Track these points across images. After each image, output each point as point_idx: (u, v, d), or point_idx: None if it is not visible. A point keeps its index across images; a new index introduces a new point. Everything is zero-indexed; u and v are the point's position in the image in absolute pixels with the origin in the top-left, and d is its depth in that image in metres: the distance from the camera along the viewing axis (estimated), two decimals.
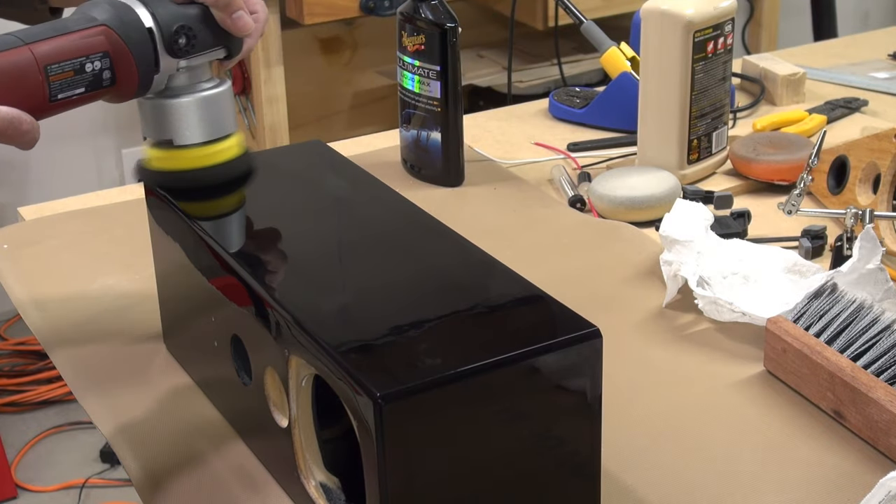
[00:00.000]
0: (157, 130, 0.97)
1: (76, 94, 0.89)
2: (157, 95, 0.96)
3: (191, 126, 0.96)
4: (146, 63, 0.92)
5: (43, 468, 2.45)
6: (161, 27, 0.92)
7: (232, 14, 0.95)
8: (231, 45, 0.98)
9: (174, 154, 0.96)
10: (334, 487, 0.83)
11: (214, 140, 0.97)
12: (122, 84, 0.92)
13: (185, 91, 0.96)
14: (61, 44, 0.88)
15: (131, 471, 0.93)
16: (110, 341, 1.09)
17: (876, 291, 1.02)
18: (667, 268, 1.11)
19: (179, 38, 0.93)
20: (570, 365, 0.78)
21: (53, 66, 0.87)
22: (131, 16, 0.91)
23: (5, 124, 0.83)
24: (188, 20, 0.94)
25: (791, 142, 1.39)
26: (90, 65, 0.89)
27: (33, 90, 0.87)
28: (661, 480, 0.89)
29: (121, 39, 0.90)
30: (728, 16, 1.35)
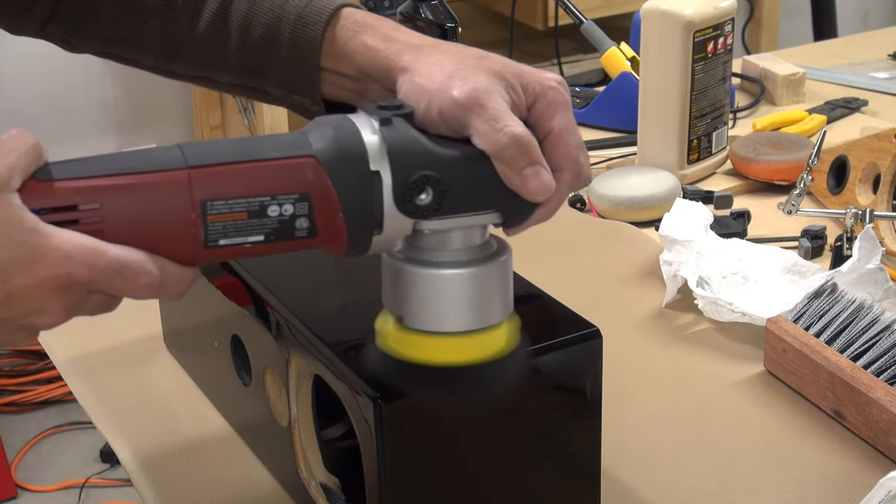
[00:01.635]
0: (391, 299, 0.70)
1: (249, 241, 0.64)
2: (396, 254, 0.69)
3: (435, 308, 0.68)
4: (360, 218, 0.65)
5: (43, 468, 2.45)
6: (395, 171, 0.64)
7: (522, 171, 0.67)
8: (512, 209, 0.69)
9: (407, 338, 0.70)
10: (334, 487, 0.83)
11: (469, 331, 0.69)
12: (324, 239, 0.66)
13: (437, 257, 0.68)
14: (237, 172, 0.63)
15: (131, 471, 0.93)
16: (110, 341, 1.09)
17: (876, 291, 1.02)
18: (667, 268, 1.11)
19: (421, 193, 0.65)
20: (570, 365, 0.78)
21: (217, 202, 0.63)
22: (354, 148, 0.64)
23: (110, 273, 0.63)
24: (440, 166, 0.65)
25: (791, 142, 1.39)
26: (276, 208, 0.64)
27: (179, 230, 0.63)
28: (661, 480, 0.89)
29: (328, 180, 0.64)
30: (728, 16, 1.35)
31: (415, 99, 0.69)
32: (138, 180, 0.62)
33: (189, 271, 0.65)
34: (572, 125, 0.70)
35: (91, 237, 0.62)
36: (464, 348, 0.69)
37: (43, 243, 0.61)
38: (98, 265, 0.62)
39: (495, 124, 0.66)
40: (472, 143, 0.67)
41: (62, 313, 0.63)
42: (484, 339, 0.69)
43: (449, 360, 0.69)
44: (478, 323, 0.69)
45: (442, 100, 0.67)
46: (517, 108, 0.69)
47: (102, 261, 0.62)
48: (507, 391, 0.76)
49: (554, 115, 0.69)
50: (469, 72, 0.69)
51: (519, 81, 0.70)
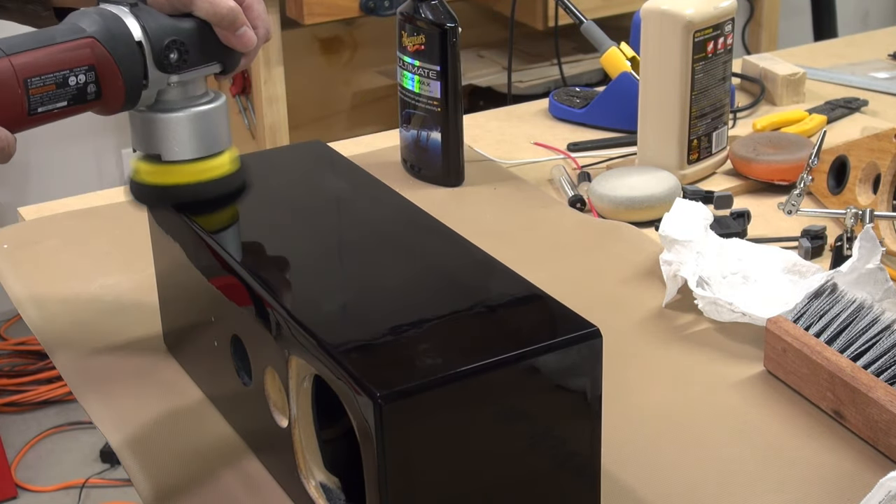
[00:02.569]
0: (146, 144, 0.94)
1: (57, 107, 0.86)
2: (148, 109, 0.93)
3: (181, 142, 0.93)
4: (134, 78, 0.89)
5: (43, 468, 2.46)
6: (151, 41, 0.89)
7: (236, 31, 0.91)
8: (228, 60, 0.94)
9: (163, 169, 0.94)
10: (334, 487, 0.83)
11: (206, 157, 0.94)
12: (107, 98, 0.89)
13: (177, 106, 0.93)
14: (44, 56, 0.85)
15: (131, 471, 0.93)
16: (110, 341, 1.09)
17: (875, 291, 1.02)
18: (666, 268, 1.11)
19: (171, 54, 0.90)
20: (570, 365, 0.78)
21: (34, 78, 0.84)
22: (121, 28, 0.88)
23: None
24: (181, 34, 0.90)
25: (791, 142, 1.39)
26: (74, 78, 0.86)
27: (11, 103, 0.84)
28: (661, 480, 0.89)
29: (108, 53, 0.87)
30: (728, 16, 1.35)
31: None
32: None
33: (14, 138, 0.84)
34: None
35: None
36: (206, 169, 0.94)
37: None
38: None
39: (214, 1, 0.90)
40: (195, 18, 0.91)
41: None
42: (218, 161, 0.95)
43: (194, 179, 0.94)
44: (213, 148, 0.94)
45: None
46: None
47: None
48: (507, 392, 0.76)
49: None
50: None
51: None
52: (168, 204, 0.95)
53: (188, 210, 0.95)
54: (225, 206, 0.96)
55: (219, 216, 0.97)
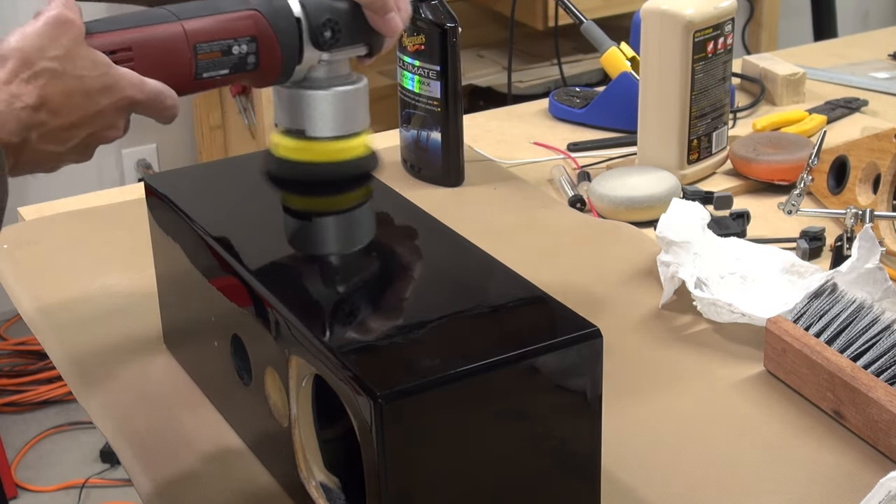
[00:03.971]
0: (290, 119, 0.94)
1: (220, 74, 0.88)
2: (295, 85, 0.94)
3: (325, 119, 0.94)
4: (290, 52, 0.91)
5: (43, 468, 2.45)
6: (309, 18, 0.91)
7: (385, 15, 0.93)
8: (373, 42, 0.95)
9: (304, 145, 0.94)
10: (334, 487, 0.83)
11: (345, 136, 0.94)
12: (264, 70, 0.91)
13: (323, 84, 0.93)
14: (212, 23, 0.88)
15: (131, 471, 0.93)
16: (110, 341, 1.09)
17: (875, 291, 1.02)
18: (664, 269, 1.11)
19: (325, 31, 0.91)
20: (570, 365, 0.78)
21: (203, 44, 0.87)
22: (282, 3, 0.90)
23: (151, 97, 0.83)
24: (336, 14, 0.92)
25: (791, 142, 1.39)
26: (237, 47, 0.88)
27: (181, 66, 0.86)
28: (661, 480, 0.89)
29: (269, 26, 0.89)
30: (728, 16, 1.35)
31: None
32: (153, 31, 0.85)
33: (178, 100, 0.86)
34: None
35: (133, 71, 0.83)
36: (345, 149, 0.94)
37: (118, 73, 0.82)
38: (146, 90, 0.83)
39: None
40: None
41: (123, 129, 0.84)
42: (356, 141, 0.94)
43: (332, 158, 0.94)
44: (352, 128, 0.94)
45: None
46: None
47: (147, 87, 0.83)
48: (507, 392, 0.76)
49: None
50: None
51: None
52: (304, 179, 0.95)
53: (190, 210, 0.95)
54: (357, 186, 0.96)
55: (219, 216, 0.97)
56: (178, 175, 1.14)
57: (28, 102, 0.78)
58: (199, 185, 1.04)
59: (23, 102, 0.78)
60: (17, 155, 0.79)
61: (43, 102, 0.78)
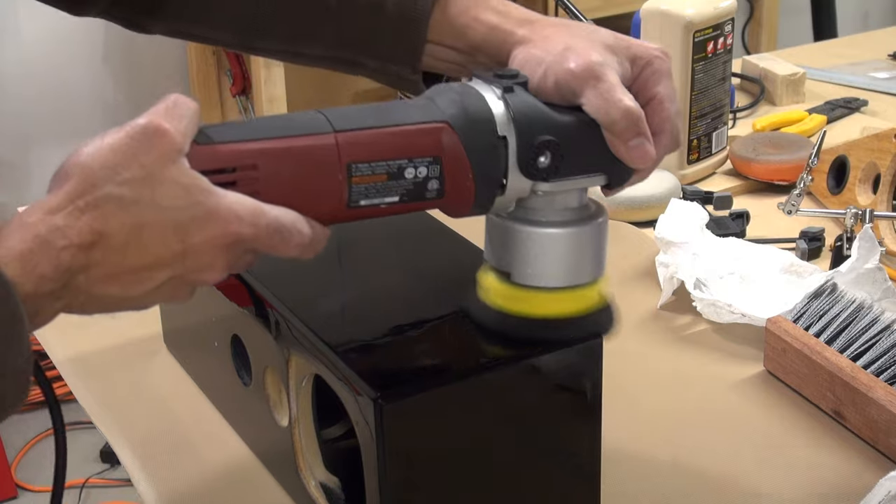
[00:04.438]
0: (498, 257, 0.75)
1: (385, 202, 0.69)
2: (507, 215, 0.74)
3: (539, 264, 0.73)
4: (488, 180, 0.70)
5: (43, 468, 2.45)
6: (519, 136, 0.70)
7: (629, 141, 0.72)
8: (615, 172, 0.74)
9: (515, 293, 0.75)
10: (334, 487, 0.83)
11: (570, 287, 0.74)
12: (450, 199, 0.71)
13: (544, 218, 0.73)
14: (380, 137, 0.68)
15: (131, 470, 0.93)
16: (110, 341, 1.09)
17: (874, 291, 1.02)
18: (663, 269, 1.11)
19: (541, 156, 0.70)
20: (570, 365, 0.78)
21: (361, 164, 0.68)
22: (483, 114, 0.70)
23: (269, 232, 0.66)
24: (559, 133, 0.71)
25: (791, 142, 1.39)
26: (412, 170, 0.69)
27: (328, 190, 0.68)
28: (660, 480, 0.89)
29: (460, 144, 0.69)
30: (728, 16, 1.35)
31: (530, 68, 0.74)
32: (291, 143, 0.67)
33: (328, 230, 0.69)
34: (672, 93, 0.76)
35: (251, 198, 0.65)
36: (566, 301, 0.75)
37: (217, 203, 0.64)
38: (260, 224, 0.65)
39: (609, 97, 0.72)
40: (584, 112, 0.72)
41: (224, 269, 0.66)
42: (583, 294, 0.75)
43: (551, 312, 0.75)
44: (580, 279, 0.74)
45: (559, 70, 0.73)
46: (625, 78, 0.74)
47: (264, 220, 0.65)
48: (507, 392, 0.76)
49: (658, 83, 0.75)
50: (584, 45, 0.74)
51: (628, 53, 0.75)
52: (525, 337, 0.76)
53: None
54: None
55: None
56: None
57: (74, 240, 0.61)
58: None
59: (67, 240, 0.61)
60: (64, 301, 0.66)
61: (98, 239, 0.62)
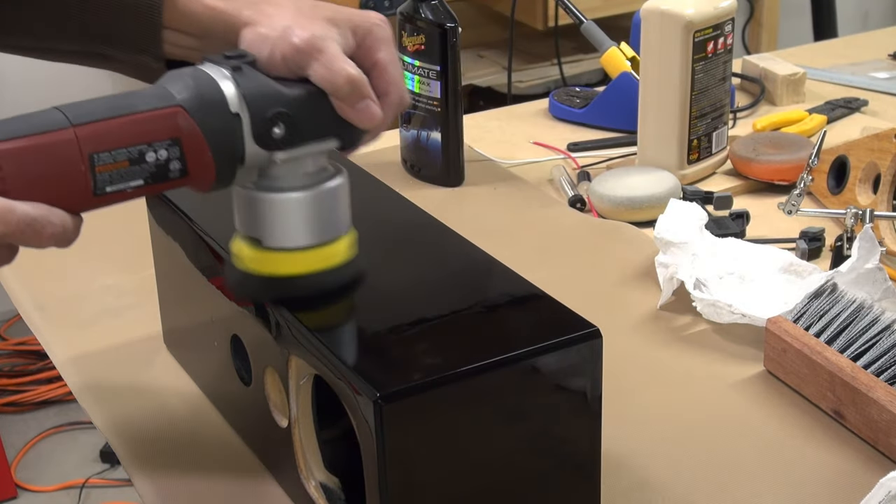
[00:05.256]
0: (248, 225, 0.79)
1: (131, 186, 0.72)
2: (253, 185, 0.78)
3: (288, 227, 0.78)
4: (226, 155, 0.74)
5: (43, 468, 2.46)
6: (252, 112, 0.74)
7: (356, 104, 0.77)
8: (346, 134, 0.78)
9: (267, 256, 0.79)
10: (334, 487, 0.83)
11: (318, 244, 0.79)
12: (195, 176, 0.75)
13: (286, 184, 0.77)
14: (117, 126, 0.72)
15: (131, 471, 0.93)
16: (110, 341, 1.09)
17: (874, 291, 1.02)
18: (662, 270, 1.11)
19: (274, 128, 0.75)
20: (570, 365, 0.78)
21: (102, 154, 0.71)
22: (214, 95, 0.74)
23: (21, 228, 0.69)
24: (289, 105, 0.75)
25: (791, 142, 1.39)
26: (153, 154, 0.72)
27: (72, 181, 0.71)
28: (661, 480, 0.89)
29: (195, 125, 0.73)
30: (728, 16, 1.35)
31: (258, 47, 0.78)
32: (32, 142, 0.70)
33: (79, 219, 0.73)
34: (394, 56, 0.80)
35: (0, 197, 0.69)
36: (316, 259, 0.79)
37: None
38: (11, 221, 0.68)
39: (332, 67, 0.76)
40: (311, 83, 0.77)
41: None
42: (331, 250, 0.80)
43: (302, 270, 0.79)
44: (326, 235, 0.79)
45: (284, 46, 0.77)
46: (348, 48, 0.79)
47: (14, 217, 0.69)
48: (507, 392, 0.76)
49: (380, 49, 0.80)
50: (306, 21, 0.79)
51: (349, 24, 0.80)
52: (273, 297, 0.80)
53: (190, 210, 0.94)
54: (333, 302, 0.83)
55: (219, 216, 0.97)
56: None
57: None
58: None
59: None
60: None
61: None
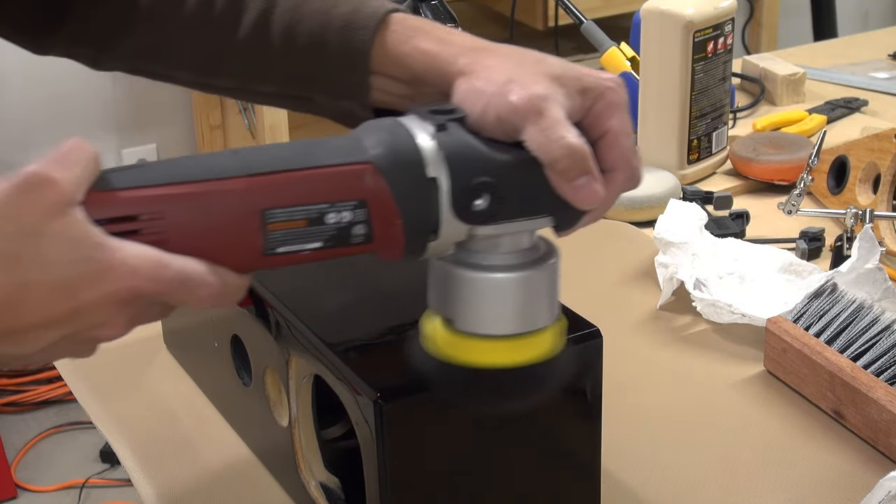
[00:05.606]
0: (441, 303, 0.68)
1: (307, 249, 0.64)
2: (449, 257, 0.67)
3: (483, 311, 0.66)
4: (418, 224, 0.64)
5: (43, 468, 2.45)
6: (453, 178, 0.64)
7: (573, 181, 0.66)
8: (562, 213, 0.68)
9: (460, 341, 0.68)
10: (334, 487, 0.83)
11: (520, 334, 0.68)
12: (380, 244, 0.65)
13: (486, 261, 0.67)
14: (298, 181, 0.62)
15: (131, 471, 0.93)
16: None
17: (874, 291, 1.02)
18: (662, 270, 1.11)
19: (478, 199, 0.64)
20: (570, 365, 0.78)
21: (277, 210, 0.62)
22: (411, 154, 0.64)
23: (175, 285, 0.61)
24: (497, 173, 0.64)
25: (791, 142, 1.39)
26: (334, 215, 0.63)
27: (240, 238, 0.62)
28: (661, 480, 0.89)
29: (387, 186, 0.63)
30: (728, 16, 1.35)
31: (471, 102, 0.68)
32: (199, 189, 0.61)
33: (246, 279, 0.64)
34: (628, 127, 0.70)
35: (154, 248, 0.61)
36: (515, 350, 0.68)
37: (110, 258, 0.59)
38: (163, 278, 0.61)
39: (551, 134, 0.66)
40: (525, 150, 0.66)
41: (125, 325, 0.62)
42: (534, 342, 0.68)
43: (500, 361, 0.68)
44: (529, 325, 0.68)
45: (500, 104, 0.67)
46: (574, 112, 0.69)
47: (167, 273, 0.61)
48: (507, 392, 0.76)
49: (612, 116, 0.69)
50: (528, 77, 0.69)
51: (577, 85, 0.70)
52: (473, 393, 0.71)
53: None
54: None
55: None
56: None
57: None
58: None
59: None
60: None
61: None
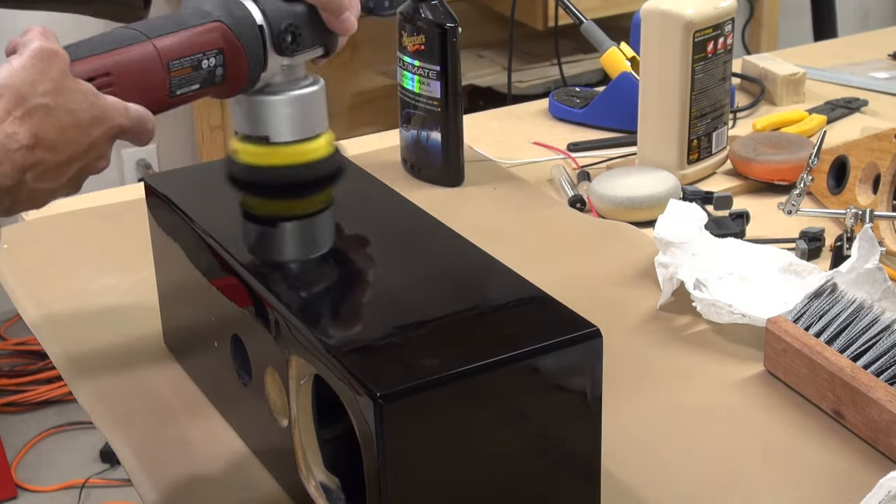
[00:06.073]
0: (251, 126, 0.95)
1: (192, 90, 0.88)
2: (255, 92, 0.94)
3: (286, 124, 0.94)
4: (256, 61, 0.91)
5: (43, 468, 2.45)
6: (271, 24, 0.91)
7: (340, 15, 0.94)
8: (329, 43, 0.96)
9: (266, 151, 0.95)
10: (334, 487, 0.83)
11: (307, 139, 0.95)
12: (231, 81, 0.91)
13: (283, 89, 0.94)
14: (181, 39, 0.87)
15: (131, 471, 0.93)
16: (110, 341, 1.09)
17: (874, 291, 1.02)
18: (662, 270, 1.11)
19: (286, 37, 0.92)
20: (570, 365, 0.78)
21: (174, 61, 0.87)
22: (243, 12, 0.91)
23: (135, 122, 0.82)
24: (296, 18, 0.93)
25: (791, 142, 1.39)
26: (206, 61, 0.88)
27: (157, 86, 0.86)
28: (661, 480, 0.89)
29: (234, 36, 0.90)
30: (728, 16, 1.35)
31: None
32: (129, 52, 0.85)
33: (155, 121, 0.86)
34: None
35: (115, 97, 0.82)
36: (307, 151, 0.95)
37: (104, 103, 0.80)
38: (132, 117, 0.82)
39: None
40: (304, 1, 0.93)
41: (109, 159, 0.82)
42: (317, 143, 0.95)
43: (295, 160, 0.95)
44: (313, 131, 0.96)
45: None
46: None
47: (134, 114, 0.82)
48: (507, 392, 0.76)
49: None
50: None
51: None
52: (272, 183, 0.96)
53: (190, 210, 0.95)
54: (320, 189, 0.97)
55: (219, 216, 0.97)
56: (178, 175, 1.14)
57: (23, 142, 0.76)
58: (199, 185, 1.04)
59: (17, 143, 0.75)
60: (13, 196, 0.77)
61: (38, 141, 0.76)
